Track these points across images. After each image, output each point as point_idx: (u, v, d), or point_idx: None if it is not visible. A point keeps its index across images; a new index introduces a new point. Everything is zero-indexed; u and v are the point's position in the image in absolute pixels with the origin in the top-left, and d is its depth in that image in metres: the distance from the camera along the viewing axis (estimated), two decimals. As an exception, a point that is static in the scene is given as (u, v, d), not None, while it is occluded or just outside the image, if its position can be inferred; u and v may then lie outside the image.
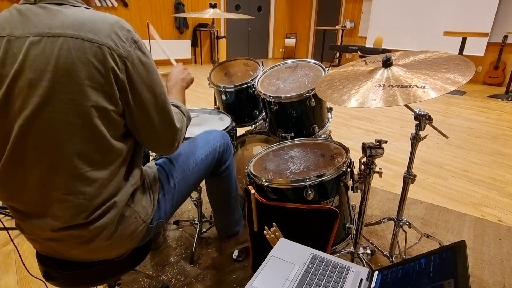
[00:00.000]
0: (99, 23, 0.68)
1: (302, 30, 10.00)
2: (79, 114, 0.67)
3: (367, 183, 1.07)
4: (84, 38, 0.66)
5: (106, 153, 0.73)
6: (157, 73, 0.79)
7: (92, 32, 0.67)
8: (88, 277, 0.85)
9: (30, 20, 0.68)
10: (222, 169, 1.25)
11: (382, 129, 3.55)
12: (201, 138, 1.17)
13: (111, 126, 0.73)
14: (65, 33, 0.66)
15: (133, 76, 0.72)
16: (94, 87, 0.67)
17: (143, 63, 0.74)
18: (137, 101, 0.74)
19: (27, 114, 0.66)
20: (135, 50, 0.72)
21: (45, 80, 0.65)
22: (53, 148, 0.68)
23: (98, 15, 0.70)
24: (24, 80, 0.66)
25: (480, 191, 2.22)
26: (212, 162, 1.15)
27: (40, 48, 0.66)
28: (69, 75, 0.65)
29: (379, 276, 0.81)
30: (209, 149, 1.14)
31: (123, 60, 0.70)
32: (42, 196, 0.72)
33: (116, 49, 0.69)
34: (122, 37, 0.70)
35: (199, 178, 1.11)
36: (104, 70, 0.67)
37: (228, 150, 1.24)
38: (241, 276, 1.39)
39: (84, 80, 0.66)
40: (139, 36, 0.75)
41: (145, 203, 0.88)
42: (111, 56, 0.68)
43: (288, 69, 1.68)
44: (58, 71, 0.65)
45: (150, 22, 7.30)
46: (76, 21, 0.67)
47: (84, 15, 0.69)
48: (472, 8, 6.35)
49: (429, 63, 1.04)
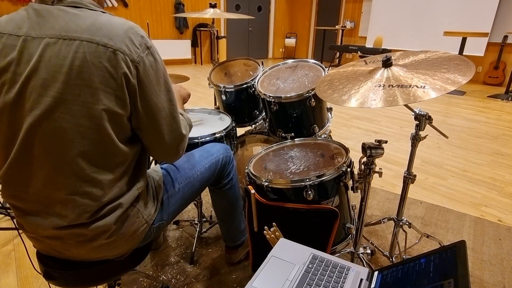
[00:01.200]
0: (115, 29, 0.69)
1: (302, 30, 10.00)
2: (89, 117, 0.68)
3: (367, 183, 1.07)
4: (99, 42, 0.67)
5: (112, 156, 0.74)
6: (168, 79, 0.80)
7: (107, 37, 0.68)
8: (88, 276, 0.85)
9: (47, 21, 0.69)
10: (226, 182, 1.28)
11: (382, 129, 3.55)
12: (206, 149, 1.20)
13: (120, 130, 0.73)
14: (81, 37, 0.67)
15: (144, 81, 0.73)
16: (106, 91, 0.68)
17: (155, 69, 0.75)
18: (145, 106, 0.75)
19: (38, 114, 0.67)
20: (148, 55, 0.73)
21: (58, 81, 0.66)
22: (61, 148, 0.69)
23: (114, 20, 0.71)
24: (38, 80, 0.67)
25: (480, 191, 2.22)
26: (214, 172, 1.18)
27: (55, 50, 0.66)
28: (83, 78, 0.66)
29: (379, 276, 0.81)
30: (212, 160, 1.17)
31: (135, 65, 0.71)
32: (46, 195, 0.72)
33: (129, 54, 0.70)
34: (135, 43, 0.71)
35: (202, 186, 1.14)
36: (117, 75, 0.68)
37: (230, 163, 1.27)
38: (241, 276, 1.39)
39: (97, 83, 0.67)
40: (152, 42, 0.76)
41: (149, 204, 0.89)
42: (124, 61, 0.69)
43: (288, 69, 1.68)
44: (72, 73, 0.66)
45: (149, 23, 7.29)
46: (93, 25, 0.68)
47: (100, 20, 0.70)
48: (472, 8, 6.35)
49: (429, 63, 1.04)
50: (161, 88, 0.77)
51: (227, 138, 1.51)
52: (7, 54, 0.68)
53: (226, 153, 1.24)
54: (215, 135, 1.41)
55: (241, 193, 1.62)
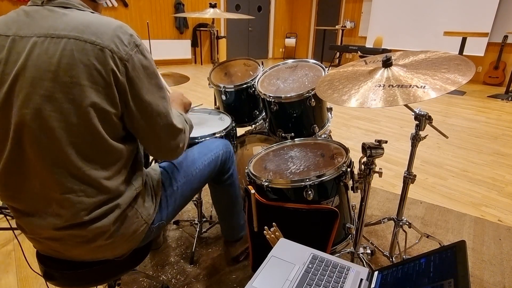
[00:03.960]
0: (102, 27, 0.69)
1: (302, 30, 10.00)
2: (78, 114, 0.68)
3: (367, 183, 1.07)
4: (86, 40, 0.67)
5: (105, 153, 0.74)
6: (159, 77, 0.80)
7: (95, 35, 0.68)
8: (88, 277, 0.85)
9: (35, 21, 0.69)
10: (226, 177, 1.27)
11: (382, 129, 3.55)
12: (204, 145, 1.19)
13: (110, 128, 0.73)
14: (69, 35, 0.67)
15: (133, 79, 0.73)
16: (95, 88, 0.68)
17: (144, 66, 0.75)
18: (137, 104, 0.75)
19: (27, 112, 0.67)
20: (137, 53, 0.73)
21: (46, 79, 0.66)
22: (52, 147, 0.69)
23: (102, 19, 0.71)
24: (26, 78, 0.66)
25: (480, 191, 2.22)
26: (214, 169, 1.17)
27: (43, 48, 0.66)
28: (71, 75, 0.66)
29: (379, 276, 0.81)
30: (212, 156, 1.16)
31: (124, 63, 0.71)
32: (42, 195, 0.72)
33: (117, 52, 0.70)
34: (124, 41, 0.71)
35: (201, 184, 1.13)
36: (105, 72, 0.68)
37: (230, 158, 1.26)
38: (241, 276, 1.39)
39: (85, 81, 0.67)
40: (141, 41, 0.76)
41: (147, 204, 0.88)
42: (112, 59, 0.69)
43: (288, 69, 1.68)
44: (60, 71, 0.66)
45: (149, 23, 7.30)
46: (81, 24, 0.68)
47: (88, 18, 0.70)
48: (472, 8, 6.35)
49: (429, 63, 1.04)
50: (152, 86, 0.77)
51: (227, 138, 1.51)
52: None
53: (226, 148, 1.23)
54: (215, 135, 1.41)
55: (241, 193, 1.62)
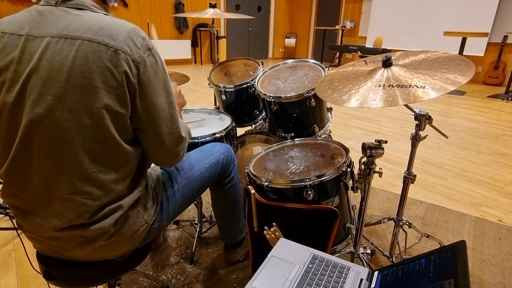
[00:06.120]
0: (116, 29, 0.70)
1: (302, 30, 10.00)
2: (90, 115, 0.68)
3: (367, 183, 1.07)
4: (100, 42, 0.68)
5: (115, 155, 0.74)
6: (168, 81, 0.80)
7: (109, 37, 0.68)
8: (88, 277, 0.85)
9: (49, 21, 0.69)
10: (227, 181, 1.27)
11: (382, 129, 3.55)
12: (206, 149, 1.19)
13: (122, 129, 0.74)
14: (83, 36, 0.67)
15: (144, 81, 0.73)
16: (107, 90, 0.68)
17: (155, 70, 0.75)
18: (144, 106, 0.75)
19: (39, 112, 0.67)
20: (149, 56, 0.74)
21: (59, 80, 0.66)
22: (62, 147, 0.69)
23: (116, 21, 0.72)
24: (39, 78, 0.67)
25: (480, 191, 2.22)
26: (215, 172, 1.17)
27: (57, 49, 0.67)
28: (84, 77, 0.67)
29: (379, 276, 0.81)
30: (213, 159, 1.16)
31: (136, 65, 0.71)
32: (47, 194, 0.72)
33: (131, 54, 0.70)
34: (137, 43, 0.72)
35: (202, 186, 1.13)
36: (118, 74, 0.69)
37: (232, 162, 1.26)
38: (241, 276, 1.39)
39: (98, 82, 0.67)
40: (153, 44, 0.76)
41: (148, 205, 0.89)
42: (125, 61, 0.69)
43: (288, 69, 1.68)
44: (73, 72, 0.66)
45: (150, 23, 7.29)
46: (95, 25, 0.69)
47: (102, 20, 0.70)
48: (472, 8, 6.35)
49: (429, 63, 1.04)
50: (161, 90, 0.77)
51: (227, 138, 1.51)
52: (8, 53, 0.68)
53: (227, 152, 1.23)
54: (215, 135, 1.41)
55: (241, 193, 1.62)
